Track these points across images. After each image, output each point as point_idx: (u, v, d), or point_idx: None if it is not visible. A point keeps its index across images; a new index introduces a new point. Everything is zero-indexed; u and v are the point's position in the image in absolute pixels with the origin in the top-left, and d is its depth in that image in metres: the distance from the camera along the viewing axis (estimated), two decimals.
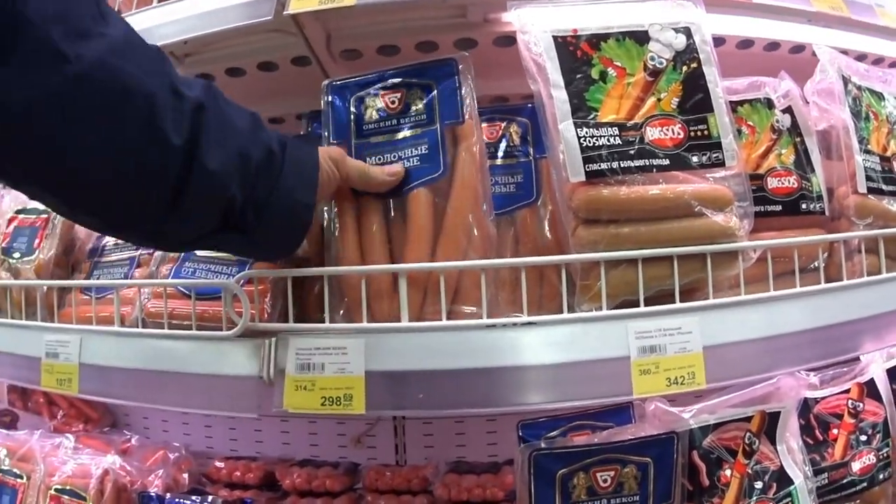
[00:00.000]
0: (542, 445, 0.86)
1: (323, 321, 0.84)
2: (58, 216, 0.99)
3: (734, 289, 0.91)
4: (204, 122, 0.62)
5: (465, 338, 0.79)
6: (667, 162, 0.84)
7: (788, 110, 1.01)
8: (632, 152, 0.83)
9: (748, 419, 0.97)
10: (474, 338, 0.80)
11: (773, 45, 1.05)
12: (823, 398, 1.07)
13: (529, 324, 0.81)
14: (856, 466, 1.09)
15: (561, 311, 0.83)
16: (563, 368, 0.81)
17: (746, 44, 1.02)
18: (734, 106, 0.96)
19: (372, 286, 0.80)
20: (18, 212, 1.03)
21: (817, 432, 1.07)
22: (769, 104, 1.00)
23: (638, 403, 0.95)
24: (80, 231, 1.02)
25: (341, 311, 0.83)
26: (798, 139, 1.01)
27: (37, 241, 0.98)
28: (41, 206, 1.01)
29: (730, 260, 0.87)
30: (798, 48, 1.07)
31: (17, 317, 1.01)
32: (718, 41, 0.94)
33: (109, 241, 0.97)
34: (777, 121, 0.99)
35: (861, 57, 1.18)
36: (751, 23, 1.01)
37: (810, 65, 1.04)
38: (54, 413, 1.19)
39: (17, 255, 1.00)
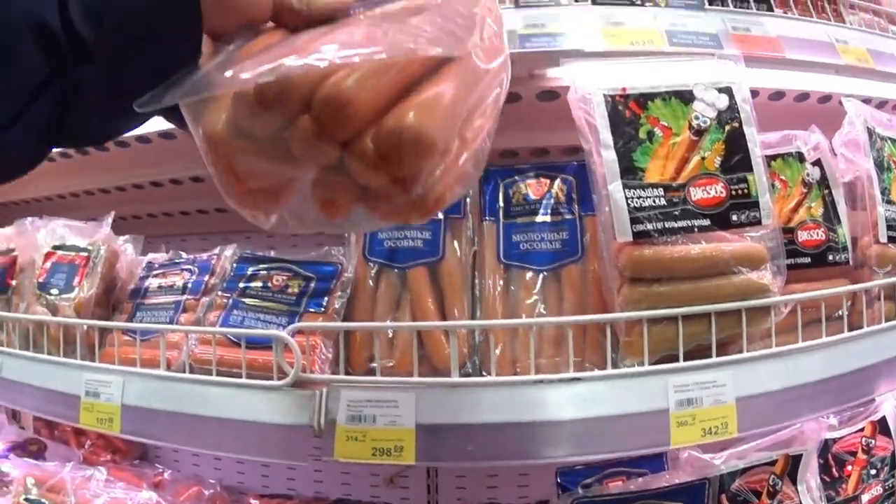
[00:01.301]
0: (581, 493, 0.89)
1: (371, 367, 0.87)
2: (99, 255, 0.98)
3: (764, 340, 0.94)
4: None
5: (513, 393, 0.82)
6: (708, 222, 0.87)
7: (818, 163, 1.04)
8: (676, 213, 0.85)
9: (773, 462, 1.01)
10: (523, 393, 0.82)
11: (804, 96, 1.08)
12: (841, 438, 1.11)
13: (575, 379, 0.84)
14: (865, 498, 1.15)
15: (603, 363, 0.86)
16: (606, 422, 0.83)
17: (778, 95, 1.05)
18: (768, 160, 0.99)
19: None
20: (56, 247, 1.02)
21: (834, 470, 1.11)
22: (800, 158, 1.03)
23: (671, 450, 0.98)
24: (122, 271, 1.02)
25: (391, 363, 0.85)
26: (826, 191, 1.04)
27: (76, 278, 0.98)
28: (80, 244, 1.01)
29: (763, 315, 0.90)
30: (825, 98, 1.10)
31: (54, 353, 1.01)
32: (753, 93, 0.96)
33: (153, 283, 0.97)
34: (807, 174, 1.02)
35: (882, 103, 1.21)
36: (783, 76, 1.04)
37: (837, 112, 1.07)
38: (81, 442, 1.19)
39: (54, 291, 1.00)
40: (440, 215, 0.86)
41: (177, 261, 0.99)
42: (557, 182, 0.88)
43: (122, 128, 0.54)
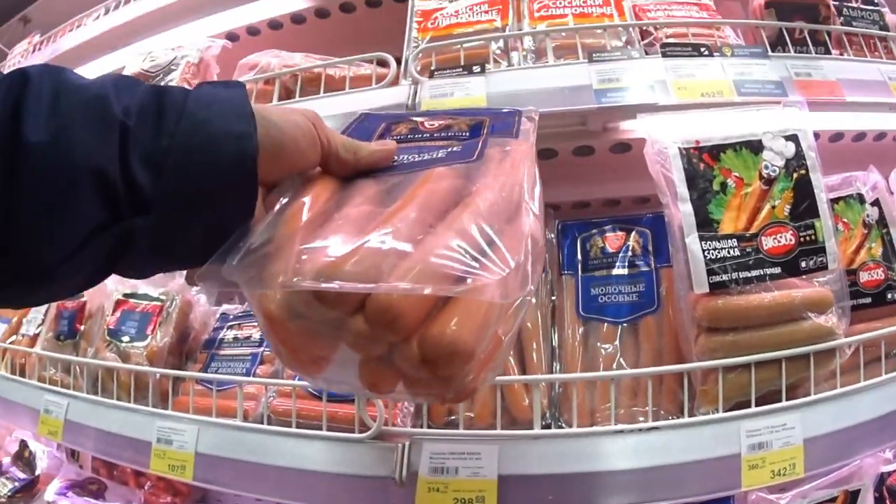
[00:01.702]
0: None
1: (450, 419, 0.88)
2: (173, 304, 0.99)
3: (829, 381, 0.96)
4: (27, 92, 0.45)
5: (594, 443, 0.83)
6: (779, 270, 0.88)
7: (876, 203, 1.05)
8: (750, 262, 0.87)
9: (834, 499, 1.03)
10: (602, 443, 0.83)
11: (860, 136, 1.09)
12: (894, 471, 1.13)
13: (653, 428, 0.85)
14: None
15: (677, 411, 0.88)
16: (681, 468, 0.85)
17: (837, 137, 1.06)
18: (831, 203, 1.00)
19: None
20: (127, 296, 1.03)
21: (887, 502, 1.13)
22: (860, 199, 1.04)
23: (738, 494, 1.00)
24: (196, 321, 1.03)
25: (471, 415, 0.86)
26: (884, 230, 1.05)
27: (150, 327, 0.99)
28: (153, 293, 1.02)
29: (829, 357, 0.92)
30: (881, 135, 1.12)
31: (124, 399, 1.02)
32: (814, 136, 0.97)
33: (228, 334, 0.98)
34: (867, 215, 1.04)
35: None
36: (841, 116, 1.05)
37: (892, 149, 1.09)
38: (141, 483, 1.19)
39: (125, 338, 1.00)
40: None
41: (252, 313, 0.99)
42: (633, 234, 0.89)
43: (172, 270, 0.55)
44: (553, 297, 0.88)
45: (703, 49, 0.92)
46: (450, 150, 0.52)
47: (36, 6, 1.74)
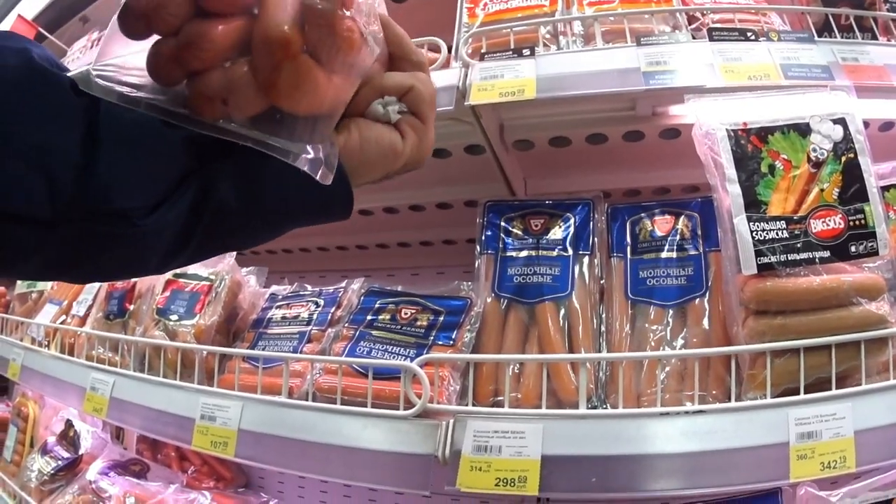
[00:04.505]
0: None
1: (495, 400, 0.88)
2: (222, 284, 1.01)
3: (881, 374, 0.94)
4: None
5: (639, 425, 0.82)
6: (828, 254, 0.87)
7: None
8: (798, 245, 0.86)
9: (889, 501, 0.99)
10: (648, 425, 0.83)
11: None
12: None
13: (699, 412, 0.84)
14: None
15: (725, 397, 0.87)
16: (727, 454, 0.83)
17: (888, 126, 1.04)
18: (882, 191, 0.98)
19: None
20: (177, 276, 1.06)
21: None
22: None
23: (786, 488, 0.98)
24: (244, 301, 1.05)
25: (517, 396, 0.86)
26: None
27: (198, 306, 1.01)
28: (203, 273, 1.04)
29: (881, 346, 0.90)
30: None
31: (170, 376, 1.04)
32: (864, 125, 0.96)
33: (277, 314, 1.00)
34: None
35: None
36: (892, 105, 1.03)
37: None
38: (185, 468, 1.21)
39: (174, 317, 1.03)
40: (569, 251, 0.87)
41: (302, 293, 1.01)
42: (682, 218, 0.89)
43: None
44: (602, 280, 0.88)
45: (749, 34, 0.91)
46: None
47: (94, 6, 1.81)
